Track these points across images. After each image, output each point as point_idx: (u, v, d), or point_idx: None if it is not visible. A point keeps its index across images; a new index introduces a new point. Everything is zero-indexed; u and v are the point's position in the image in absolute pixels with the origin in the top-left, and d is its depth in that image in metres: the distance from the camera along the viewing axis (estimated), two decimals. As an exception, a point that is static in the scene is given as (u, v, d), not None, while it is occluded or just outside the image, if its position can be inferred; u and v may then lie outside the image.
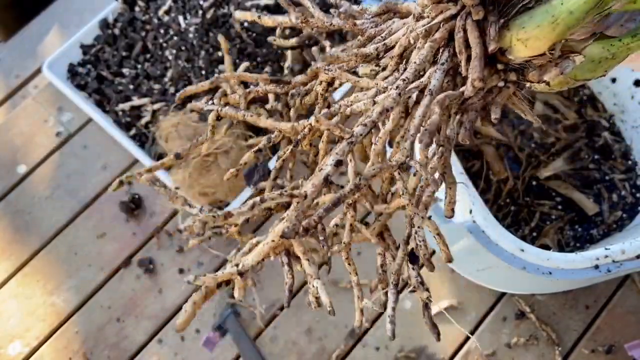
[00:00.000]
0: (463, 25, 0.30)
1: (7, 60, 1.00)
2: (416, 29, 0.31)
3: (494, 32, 0.29)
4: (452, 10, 0.30)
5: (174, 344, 0.82)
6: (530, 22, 0.28)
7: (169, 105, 0.88)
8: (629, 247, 0.58)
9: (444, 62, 0.31)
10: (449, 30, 0.30)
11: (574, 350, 0.81)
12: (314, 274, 0.33)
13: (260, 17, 0.40)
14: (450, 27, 0.30)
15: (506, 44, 0.30)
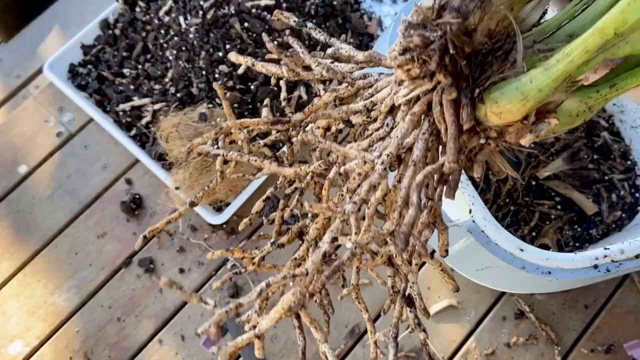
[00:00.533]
0: (439, 100, 0.31)
1: (7, 60, 1.00)
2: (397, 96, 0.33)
3: (466, 115, 0.30)
4: (427, 86, 0.31)
5: (174, 343, 0.82)
6: (502, 97, 0.29)
7: (169, 106, 0.88)
8: (628, 247, 0.58)
9: (425, 131, 0.32)
10: (427, 102, 0.31)
11: (574, 350, 0.81)
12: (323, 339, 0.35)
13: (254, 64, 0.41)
14: (428, 100, 0.31)
15: (481, 115, 0.31)
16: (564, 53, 0.27)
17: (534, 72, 0.28)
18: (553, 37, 0.31)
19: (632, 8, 0.22)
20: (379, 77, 0.35)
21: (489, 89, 0.30)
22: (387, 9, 1.01)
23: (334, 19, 0.96)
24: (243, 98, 0.88)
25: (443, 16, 0.29)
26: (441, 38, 0.29)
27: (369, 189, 0.32)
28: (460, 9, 0.29)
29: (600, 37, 0.24)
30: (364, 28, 0.98)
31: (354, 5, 1.00)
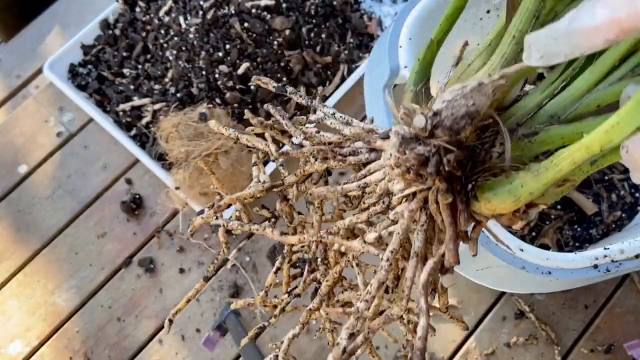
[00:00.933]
0: (435, 198, 0.32)
1: (8, 60, 1.00)
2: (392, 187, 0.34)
3: (464, 220, 0.32)
4: (423, 186, 0.32)
5: (174, 343, 0.82)
6: (494, 198, 0.31)
7: (169, 106, 0.88)
8: (628, 247, 0.58)
9: (424, 223, 0.34)
10: (424, 198, 0.33)
11: (573, 350, 0.81)
12: None
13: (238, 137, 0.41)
14: (424, 196, 0.33)
15: (476, 209, 0.33)
16: (553, 163, 0.28)
17: (525, 177, 0.30)
18: (535, 118, 0.33)
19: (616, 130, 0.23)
20: (369, 157, 0.36)
21: (482, 187, 0.32)
22: (387, 9, 1.01)
23: (334, 19, 0.96)
24: (243, 98, 0.88)
25: (436, 134, 0.31)
26: (435, 154, 0.31)
27: (378, 286, 0.34)
28: (452, 127, 0.30)
29: (586, 152, 0.25)
30: (364, 28, 0.98)
31: (354, 5, 1.00)
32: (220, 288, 0.84)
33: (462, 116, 0.30)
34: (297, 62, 0.90)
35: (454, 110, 0.31)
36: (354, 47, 0.96)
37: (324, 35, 0.94)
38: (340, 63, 0.94)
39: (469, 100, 0.30)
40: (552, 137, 0.31)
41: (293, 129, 0.39)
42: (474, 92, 0.30)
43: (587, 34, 0.22)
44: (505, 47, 0.31)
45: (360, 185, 0.36)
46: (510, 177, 0.31)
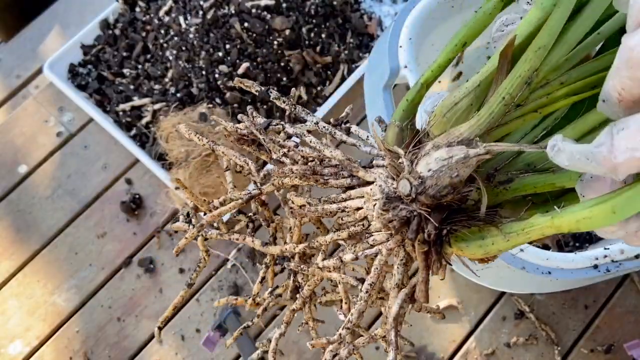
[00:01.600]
0: (412, 242, 0.35)
1: (8, 60, 1.00)
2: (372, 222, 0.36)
3: (436, 269, 0.35)
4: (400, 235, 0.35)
5: (174, 343, 0.82)
6: (466, 249, 0.33)
7: (169, 106, 0.88)
8: (627, 247, 0.58)
9: (403, 258, 0.36)
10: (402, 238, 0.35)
11: (573, 350, 0.81)
12: None
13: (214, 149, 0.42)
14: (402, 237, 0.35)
15: (448, 252, 0.35)
16: (523, 231, 0.30)
17: (497, 237, 0.32)
18: (512, 165, 0.34)
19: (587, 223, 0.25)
20: (351, 182, 0.37)
21: (456, 237, 0.34)
22: (387, 9, 1.01)
23: (334, 19, 0.96)
24: (243, 98, 0.88)
25: (419, 199, 0.33)
26: (416, 217, 0.33)
27: (358, 316, 0.36)
28: (435, 195, 0.32)
29: (556, 230, 0.28)
30: (364, 28, 0.98)
31: (354, 5, 1.00)
32: (220, 288, 0.84)
33: (446, 186, 0.32)
34: (297, 62, 0.90)
35: (438, 181, 0.32)
36: (354, 47, 0.96)
37: (324, 35, 0.94)
38: (340, 63, 0.94)
39: (453, 171, 0.32)
40: (525, 185, 0.33)
41: (271, 145, 0.39)
42: (459, 164, 0.32)
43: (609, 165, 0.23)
44: (494, 106, 0.33)
45: (340, 208, 0.37)
46: (483, 233, 0.33)
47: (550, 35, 0.30)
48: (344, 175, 0.38)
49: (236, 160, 0.41)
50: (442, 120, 0.35)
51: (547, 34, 0.30)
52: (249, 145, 0.41)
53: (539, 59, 0.31)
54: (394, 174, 0.35)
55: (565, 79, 0.32)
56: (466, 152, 0.32)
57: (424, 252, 0.34)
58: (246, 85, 0.41)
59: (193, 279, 0.43)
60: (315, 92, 0.92)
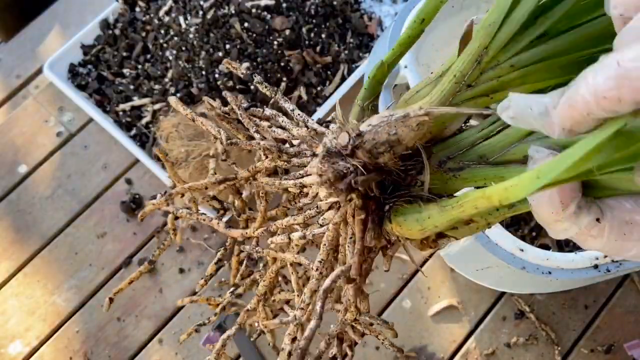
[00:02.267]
0: (352, 212, 0.35)
1: (8, 60, 1.00)
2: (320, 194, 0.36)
3: (370, 238, 0.34)
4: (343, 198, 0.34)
5: (174, 343, 0.82)
6: (404, 223, 0.33)
7: (169, 106, 0.88)
8: (628, 247, 0.58)
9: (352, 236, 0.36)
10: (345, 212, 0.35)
11: (574, 350, 0.81)
12: None
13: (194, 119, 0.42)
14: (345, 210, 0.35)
15: (388, 230, 0.35)
16: (458, 203, 0.30)
17: (432, 210, 0.32)
18: (466, 155, 0.34)
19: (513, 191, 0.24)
20: (310, 160, 0.38)
21: (396, 211, 0.34)
22: (387, 9, 1.01)
23: (334, 19, 0.96)
24: (243, 98, 0.88)
25: (356, 154, 0.33)
26: (351, 172, 0.33)
27: (311, 295, 0.36)
28: (371, 151, 0.32)
29: (487, 202, 0.27)
30: (364, 28, 0.98)
31: (354, 5, 1.00)
32: (220, 288, 0.84)
33: (382, 143, 0.32)
34: (297, 62, 0.90)
35: (375, 136, 0.33)
36: (354, 47, 0.96)
37: (324, 35, 0.94)
38: (340, 63, 0.94)
39: (392, 129, 0.32)
40: (475, 176, 0.33)
41: (247, 120, 0.40)
42: (398, 123, 0.32)
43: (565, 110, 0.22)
44: (446, 84, 0.33)
45: (296, 184, 0.38)
46: (421, 208, 0.33)
47: (499, 11, 0.31)
48: (306, 154, 0.38)
49: (210, 130, 0.42)
50: (402, 105, 0.36)
51: (496, 11, 0.31)
52: (229, 122, 0.42)
53: (489, 36, 0.31)
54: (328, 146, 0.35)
55: (516, 62, 0.32)
56: (406, 112, 0.32)
57: (362, 219, 0.34)
58: (233, 67, 0.42)
59: (155, 256, 0.45)
60: (315, 92, 0.92)
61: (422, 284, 0.84)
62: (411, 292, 0.84)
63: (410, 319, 0.82)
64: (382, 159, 0.33)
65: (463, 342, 0.82)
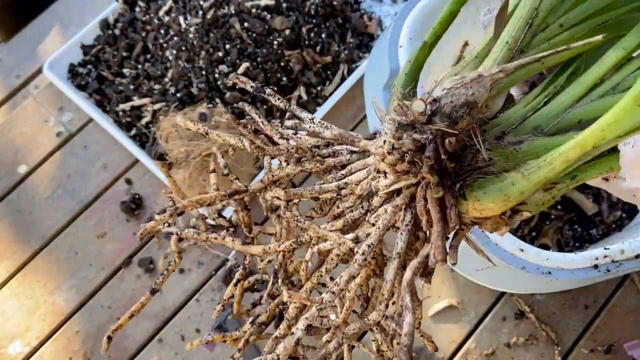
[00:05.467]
0: (424, 194, 0.32)
1: (7, 60, 1.00)
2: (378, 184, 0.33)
3: (455, 216, 0.32)
4: (412, 180, 0.32)
5: (174, 343, 0.82)
6: (484, 197, 0.31)
7: (169, 106, 0.88)
8: (628, 247, 0.58)
9: (408, 223, 0.33)
10: (410, 195, 0.33)
11: (574, 350, 0.81)
12: None
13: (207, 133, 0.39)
14: (411, 193, 0.33)
15: (463, 209, 0.33)
16: (546, 161, 0.29)
17: (515, 176, 0.30)
18: (520, 129, 0.33)
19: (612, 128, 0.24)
20: (351, 158, 0.35)
21: (471, 186, 0.32)
22: (387, 9, 1.01)
23: (334, 19, 0.96)
24: (243, 98, 0.88)
25: (433, 121, 0.31)
26: (431, 142, 0.31)
27: (348, 279, 0.33)
28: (451, 115, 0.30)
29: (580, 150, 0.26)
30: (364, 28, 0.98)
31: (354, 5, 1.00)
32: (220, 288, 0.84)
33: (462, 105, 0.30)
34: (297, 61, 0.90)
35: (453, 98, 0.31)
36: (354, 47, 0.96)
37: (324, 35, 0.94)
38: (340, 63, 0.94)
39: (468, 89, 0.30)
40: (536, 147, 0.32)
41: (269, 128, 0.37)
42: (473, 83, 0.31)
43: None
44: (498, 52, 0.32)
45: (339, 185, 0.35)
46: (502, 176, 0.31)
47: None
48: (342, 153, 0.36)
49: (230, 141, 0.38)
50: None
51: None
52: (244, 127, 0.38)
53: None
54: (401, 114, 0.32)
55: (564, 21, 0.32)
56: (479, 72, 0.31)
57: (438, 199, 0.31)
58: (242, 82, 0.39)
59: (159, 284, 0.40)
60: (315, 92, 0.92)
61: (422, 284, 0.84)
62: (411, 292, 0.83)
63: (410, 319, 0.82)
64: (462, 124, 0.31)
65: (463, 342, 0.82)
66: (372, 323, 0.34)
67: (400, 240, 0.33)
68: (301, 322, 0.33)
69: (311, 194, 0.36)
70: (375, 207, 0.34)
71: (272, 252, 0.37)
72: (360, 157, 0.35)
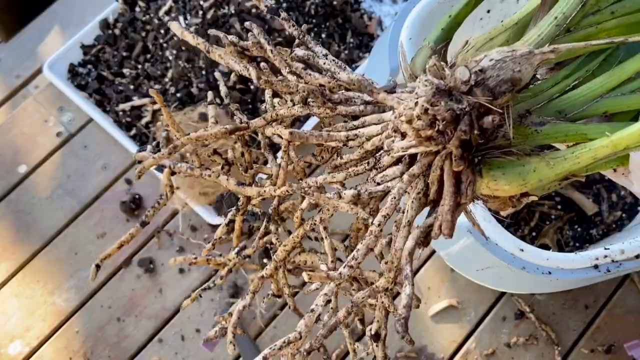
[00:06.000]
0: (442, 164, 0.31)
1: (7, 60, 1.00)
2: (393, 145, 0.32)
3: (471, 192, 0.31)
4: (433, 148, 0.30)
5: (174, 343, 0.82)
6: (502, 178, 0.30)
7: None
8: (628, 247, 0.58)
9: (420, 191, 0.32)
10: (428, 163, 0.31)
11: (574, 350, 0.81)
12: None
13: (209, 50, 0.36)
14: (429, 161, 0.31)
15: (478, 185, 0.32)
16: (574, 154, 0.28)
17: (539, 163, 0.29)
18: (544, 110, 0.32)
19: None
20: (365, 109, 0.33)
21: (491, 164, 0.31)
22: (387, 9, 1.01)
23: (334, 18, 0.96)
24: (243, 98, 0.88)
25: (473, 92, 0.29)
26: (467, 114, 0.29)
27: (365, 252, 0.32)
28: (494, 89, 0.29)
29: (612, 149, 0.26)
30: (364, 28, 0.98)
31: (354, 5, 1.00)
32: (220, 288, 0.84)
33: (507, 80, 0.29)
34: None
35: (500, 72, 0.29)
36: (354, 47, 0.96)
37: (324, 35, 0.94)
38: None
39: (516, 65, 0.29)
40: (557, 131, 0.31)
41: (278, 58, 0.34)
42: (522, 59, 0.29)
43: None
44: (545, 27, 0.31)
45: (348, 136, 0.33)
46: (523, 160, 0.30)
47: None
48: (355, 102, 0.33)
49: (235, 66, 0.35)
50: (476, 53, 0.32)
51: None
52: (250, 61, 0.36)
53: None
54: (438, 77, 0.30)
55: (617, 8, 0.31)
56: (530, 48, 0.29)
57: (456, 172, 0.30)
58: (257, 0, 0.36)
59: (149, 216, 0.39)
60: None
61: (422, 284, 0.84)
62: (411, 292, 0.83)
63: (410, 319, 0.82)
64: (502, 100, 0.29)
65: (463, 342, 0.82)
66: (381, 289, 0.33)
67: (411, 209, 0.32)
68: (320, 298, 0.32)
69: (317, 139, 0.33)
70: (384, 166, 0.32)
71: (267, 195, 0.35)
72: (376, 110, 0.33)
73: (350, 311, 0.33)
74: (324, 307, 0.32)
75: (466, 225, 0.59)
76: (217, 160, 0.40)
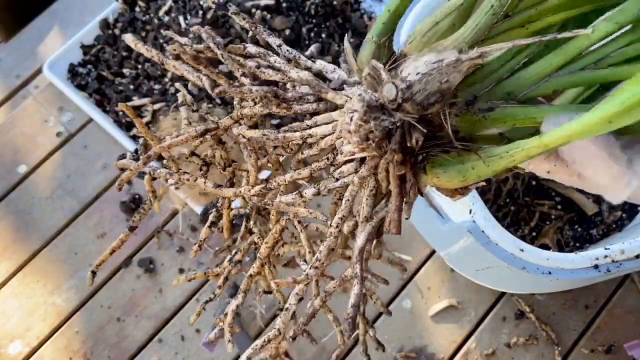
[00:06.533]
0: (386, 167, 0.32)
1: (7, 60, 1.00)
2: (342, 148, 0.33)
3: (414, 194, 0.32)
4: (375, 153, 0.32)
5: (174, 343, 0.82)
6: (444, 175, 0.31)
7: (169, 106, 0.88)
8: (628, 247, 0.58)
9: (372, 189, 0.34)
10: (375, 165, 0.33)
11: (574, 350, 0.81)
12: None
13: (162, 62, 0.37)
14: (375, 164, 0.32)
15: (421, 181, 0.33)
16: (508, 153, 0.29)
17: (476, 162, 0.30)
18: (493, 94, 0.32)
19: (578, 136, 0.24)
20: (318, 107, 0.34)
21: (432, 162, 0.32)
22: (387, 8, 1.01)
23: (334, 18, 0.96)
24: (243, 98, 0.88)
25: (403, 107, 0.30)
26: (399, 128, 0.30)
27: (327, 253, 0.33)
28: (422, 103, 0.30)
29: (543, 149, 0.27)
30: (364, 28, 0.98)
31: (354, 5, 1.00)
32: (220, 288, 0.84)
33: (434, 92, 0.29)
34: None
35: (427, 86, 0.29)
36: (354, 47, 0.95)
37: (324, 35, 0.94)
38: (341, 63, 0.94)
39: (443, 76, 0.29)
40: (506, 116, 0.31)
41: (230, 61, 0.35)
42: (449, 68, 0.29)
43: None
44: (481, 17, 0.30)
45: (303, 136, 0.34)
46: (462, 158, 0.31)
47: None
48: (309, 100, 0.34)
49: (189, 76, 0.36)
50: (421, 40, 0.32)
51: None
52: (206, 66, 0.37)
53: None
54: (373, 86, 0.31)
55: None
56: (458, 55, 0.29)
57: (400, 176, 0.31)
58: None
59: (136, 221, 0.39)
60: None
61: (422, 284, 0.84)
62: (411, 292, 0.83)
63: (410, 319, 0.82)
64: (432, 110, 0.30)
65: (463, 342, 0.82)
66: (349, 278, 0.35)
67: (367, 206, 0.34)
68: (292, 297, 0.35)
69: (274, 142, 0.35)
70: (340, 163, 0.34)
71: (243, 194, 0.37)
72: (328, 107, 0.34)
73: (325, 299, 0.35)
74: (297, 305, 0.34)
75: (466, 225, 0.59)
76: (195, 162, 0.41)
